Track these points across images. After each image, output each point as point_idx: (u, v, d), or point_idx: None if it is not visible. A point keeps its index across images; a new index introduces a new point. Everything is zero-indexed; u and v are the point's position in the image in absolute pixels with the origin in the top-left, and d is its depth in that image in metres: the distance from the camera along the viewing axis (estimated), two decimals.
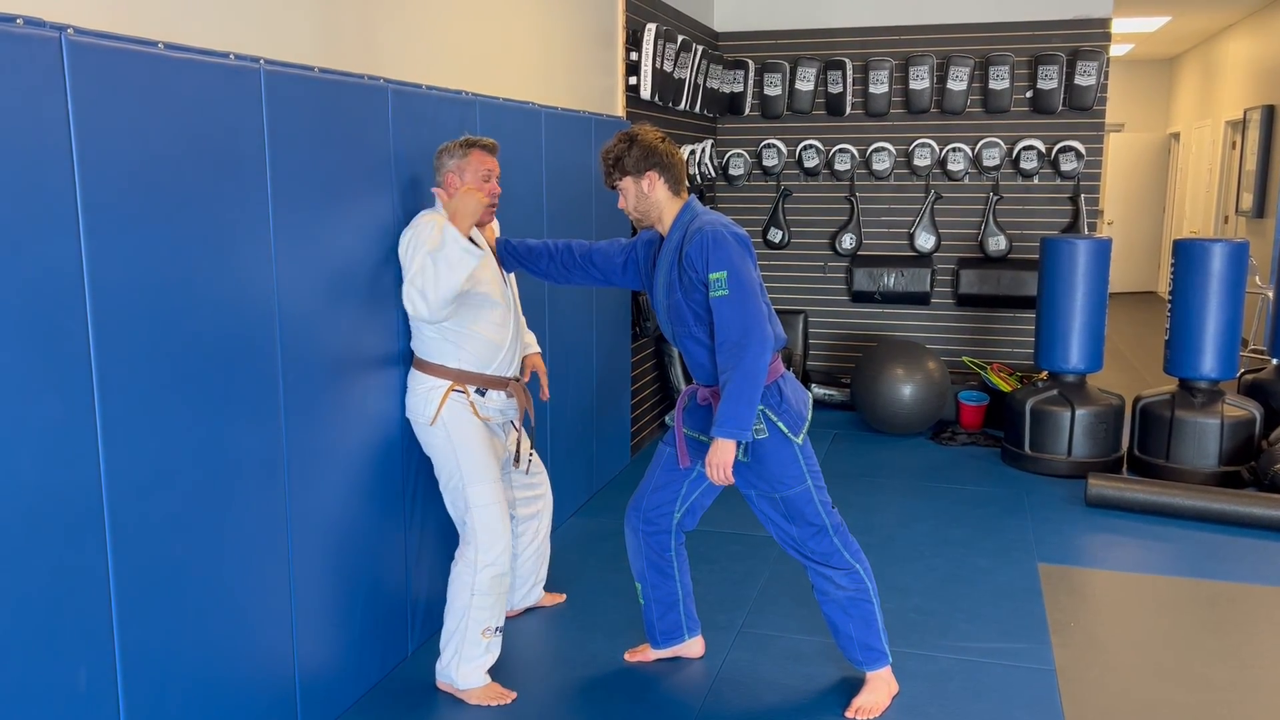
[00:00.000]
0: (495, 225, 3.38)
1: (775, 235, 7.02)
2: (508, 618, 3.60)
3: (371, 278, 3.00)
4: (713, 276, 2.80)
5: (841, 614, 3.09)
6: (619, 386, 5.24)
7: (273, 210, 2.58)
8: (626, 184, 2.94)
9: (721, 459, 2.82)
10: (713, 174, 6.70)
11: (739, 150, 6.97)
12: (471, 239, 3.01)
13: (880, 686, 3.11)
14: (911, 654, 3.39)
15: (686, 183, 3.00)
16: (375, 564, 3.12)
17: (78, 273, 2.04)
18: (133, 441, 2.19)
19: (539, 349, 3.55)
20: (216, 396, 2.42)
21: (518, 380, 3.22)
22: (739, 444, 2.88)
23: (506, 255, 3.30)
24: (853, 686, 3.14)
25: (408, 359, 3.17)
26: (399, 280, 3.04)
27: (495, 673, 3.20)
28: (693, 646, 3.37)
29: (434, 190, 3.07)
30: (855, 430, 6.27)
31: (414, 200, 3.16)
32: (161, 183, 2.23)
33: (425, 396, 3.08)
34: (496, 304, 3.11)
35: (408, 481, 3.24)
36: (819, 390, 6.82)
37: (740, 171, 6.96)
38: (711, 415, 2.95)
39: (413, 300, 2.90)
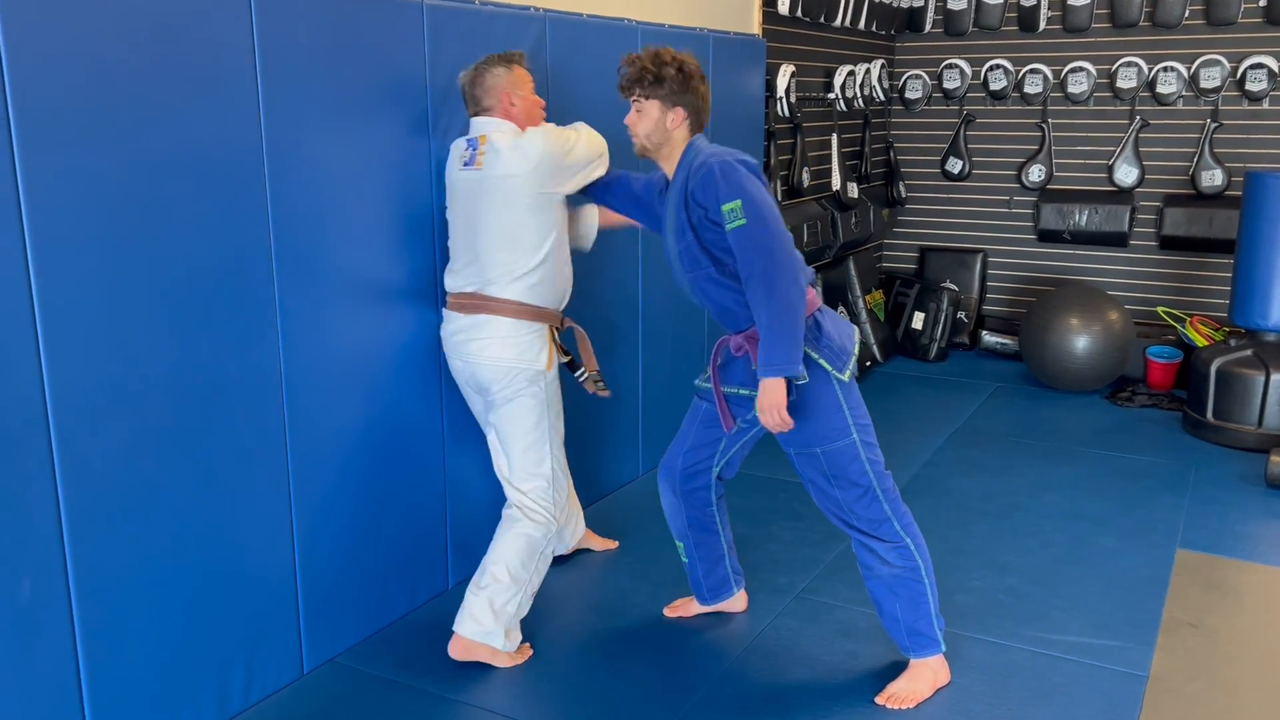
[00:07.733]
0: None
1: (955, 166, 6.40)
2: (560, 558, 3.50)
3: (396, 197, 2.91)
4: (726, 208, 2.52)
5: (887, 593, 2.76)
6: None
7: (266, 133, 2.51)
8: (651, 107, 2.66)
9: (773, 400, 2.54)
10: (883, 97, 6.17)
11: (917, 71, 6.37)
12: None
13: (924, 675, 2.77)
14: (981, 641, 3.00)
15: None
16: (402, 493, 3.07)
17: (11, 187, 2.03)
18: (84, 363, 2.19)
19: None
20: (194, 316, 2.40)
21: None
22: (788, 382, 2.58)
23: None
24: (897, 671, 2.81)
25: (439, 272, 3.04)
26: (433, 192, 3.01)
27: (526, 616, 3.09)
28: (738, 601, 3.17)
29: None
30: (1021, 384, 5.67)
31: (449, 124, 3.02)
32: (117, 98, 2.19)
33: (530, 344, 2.84)
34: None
35: (445, 404, 3.15)
36: (991, 338, 6.22)
37: (918, 95, 6.37)
38: (749, 365, 2.68)
39: (593, 138, 2.90)
